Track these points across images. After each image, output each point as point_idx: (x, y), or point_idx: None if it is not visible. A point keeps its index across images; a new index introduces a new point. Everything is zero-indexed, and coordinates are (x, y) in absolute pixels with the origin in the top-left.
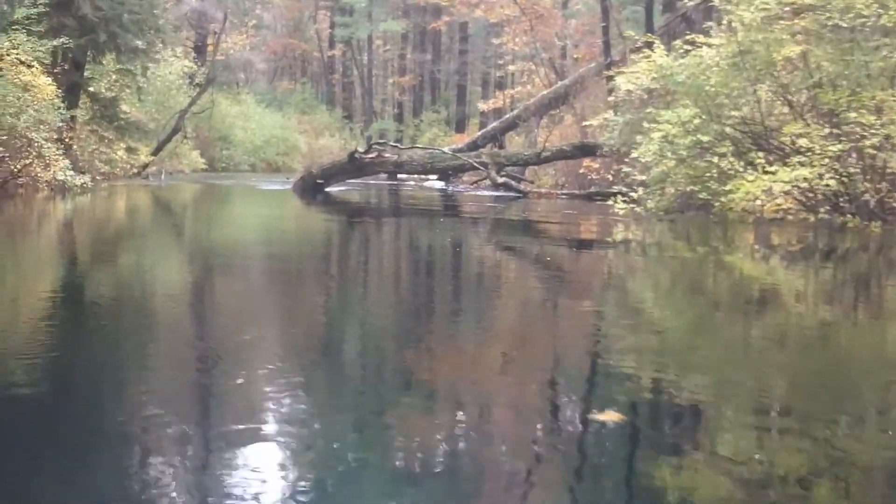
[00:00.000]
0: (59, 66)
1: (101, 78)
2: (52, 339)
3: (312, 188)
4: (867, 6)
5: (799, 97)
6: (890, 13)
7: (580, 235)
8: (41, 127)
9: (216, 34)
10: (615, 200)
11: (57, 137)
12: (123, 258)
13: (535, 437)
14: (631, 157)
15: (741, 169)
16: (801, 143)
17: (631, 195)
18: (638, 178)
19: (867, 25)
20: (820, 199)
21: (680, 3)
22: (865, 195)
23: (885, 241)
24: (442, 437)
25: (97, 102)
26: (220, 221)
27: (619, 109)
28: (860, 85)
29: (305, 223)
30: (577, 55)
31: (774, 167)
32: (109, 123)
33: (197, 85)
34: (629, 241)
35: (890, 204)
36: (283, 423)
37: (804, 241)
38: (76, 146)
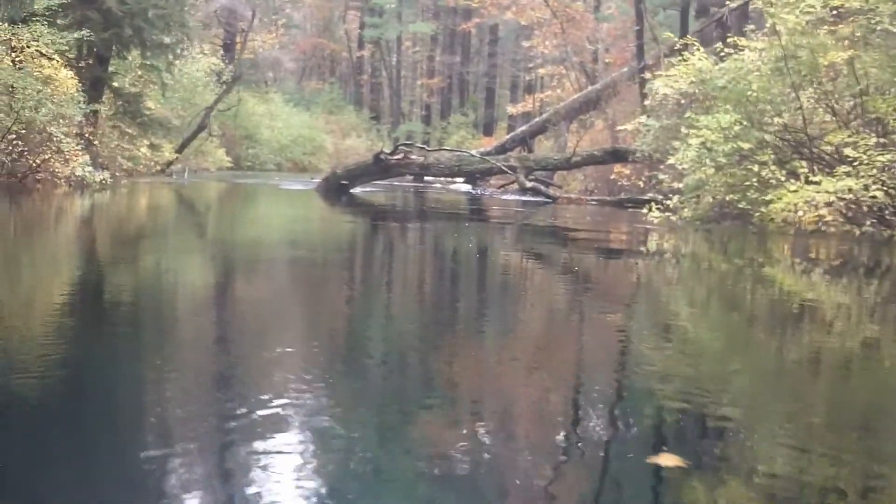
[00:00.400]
0: (83, 59)
1: (125, 73)
2: (66, 339)
3: (336, 189)
4: None
5: (843, 104)
6: None
7: (611, 244)
8: (61, 121)
9: (244, 32)
10: (649, 208)
11: (77, 132)
12: (123, 258)
13: (561, 448)
14: (667, 163)
15: (783, 178)
16: (846, 152)
17: (665, 203)
18: (672, 185)
19: None
20: (865, 210)
21: (714, 9)
22: None
23: None
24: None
25: (121, 98)
26: (237, 223)
27: (653, 114)
28: None
29: (328, 226)
30: (608, 59)
31: (818, 177)
32: (132, 119)
33: (224, 83)
34: (663, 250)
35: None
36: (305, 434)
37: (848, 254)
38: (98, 142)
